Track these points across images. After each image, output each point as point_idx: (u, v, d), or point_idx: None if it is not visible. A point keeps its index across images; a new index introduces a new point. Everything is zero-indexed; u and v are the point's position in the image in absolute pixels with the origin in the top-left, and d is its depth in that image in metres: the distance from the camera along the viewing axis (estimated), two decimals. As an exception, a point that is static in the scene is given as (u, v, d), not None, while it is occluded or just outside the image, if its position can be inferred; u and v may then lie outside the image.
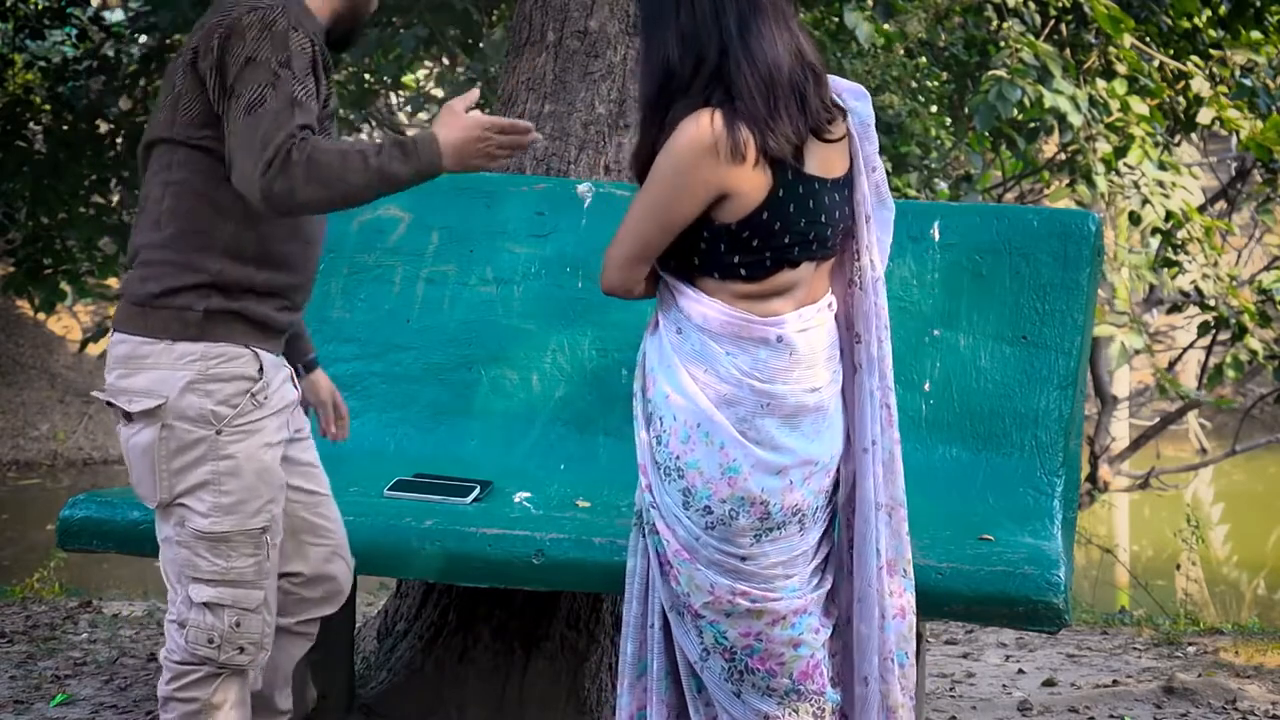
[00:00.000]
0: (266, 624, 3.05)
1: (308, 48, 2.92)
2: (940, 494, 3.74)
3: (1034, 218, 3.99)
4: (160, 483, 2.98)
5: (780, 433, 2.83)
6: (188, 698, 3.02)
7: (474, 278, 4.18)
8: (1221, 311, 7.88)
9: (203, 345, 2.97)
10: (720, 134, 2.72)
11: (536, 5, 4.51)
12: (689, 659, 2.94)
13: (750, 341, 2.82)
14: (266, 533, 3.03)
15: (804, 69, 2.80)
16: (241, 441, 2.98)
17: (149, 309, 2.98)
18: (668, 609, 2.94)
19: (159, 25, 9.98)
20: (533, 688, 4.01)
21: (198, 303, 2.96)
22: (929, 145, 9.08)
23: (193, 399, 2.95)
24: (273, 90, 2.85)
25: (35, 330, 17.75)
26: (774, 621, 2.86)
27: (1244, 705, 4.61)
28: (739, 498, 2.81)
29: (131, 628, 5.50)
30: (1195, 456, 15.20)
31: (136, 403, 2.97)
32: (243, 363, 2.99)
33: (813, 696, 2.90)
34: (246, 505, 2.99)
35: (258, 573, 3.02)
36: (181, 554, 3.02)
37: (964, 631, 5.67)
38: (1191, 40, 8.79)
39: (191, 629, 3.01)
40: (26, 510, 13.79)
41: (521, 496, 3.72)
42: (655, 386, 2.88)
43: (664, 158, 2.77)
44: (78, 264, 10.71)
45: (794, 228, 2.80)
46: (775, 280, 2.83)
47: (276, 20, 2.90)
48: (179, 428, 2.96)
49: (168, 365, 2.96)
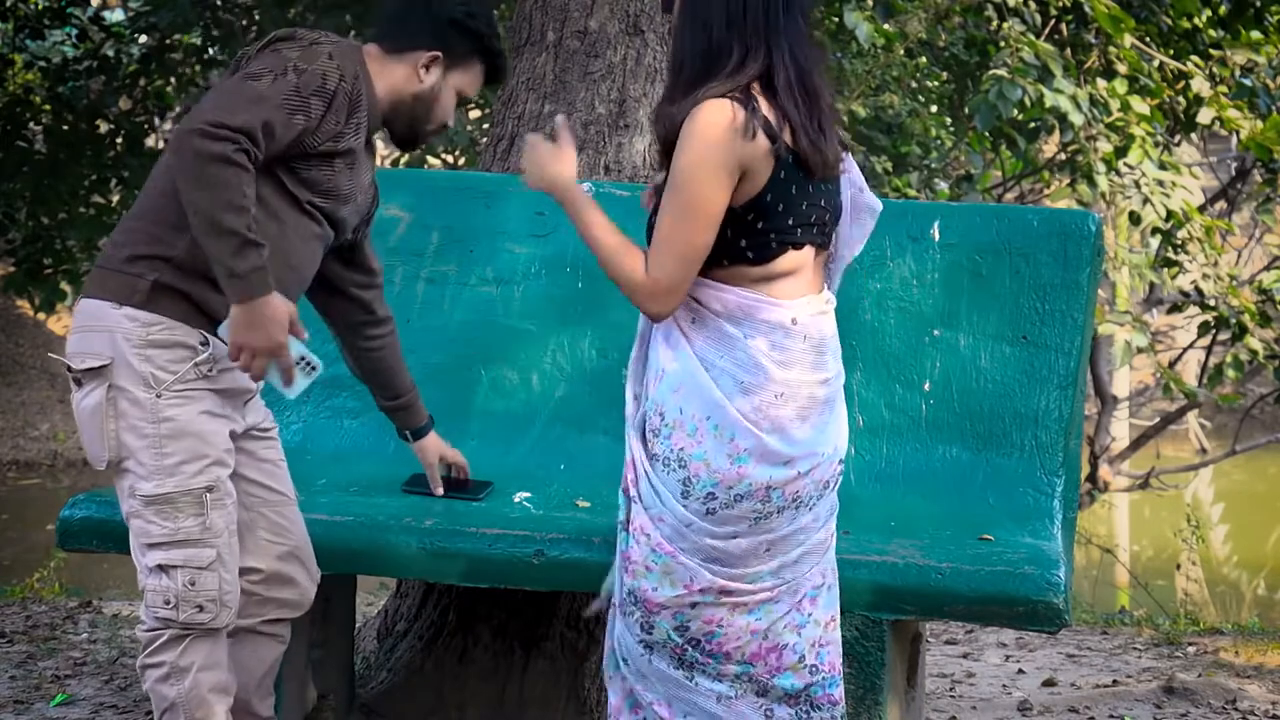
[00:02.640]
0: (225, 581, 3.08)
1: (334, 78, 3.04)
2: (940, 494, 3.74)
3: (1034, 218, 3.99)
4: (107, 442, 3.06)
5: (793, 424, 2.86)
6: (156, 662, 3.08)
7: (474, 278, 4.18)
8: (1222, 311, 7.88)
9: (145, 313, 3.04)
10: (737, 110, 2.77)
11: (536, 5, 4.50)
12: (626, 651, 2.98)
13: (767, 325, 2.85)
14: (210, 491, 3.07)
15: (830, 105, 2.91)
16: (182, 406, 3.05)
17: (109, 272, 3.08)
18: (617, 605, 2.98)
19: (159, 25, 9.99)
20: (533, 688, 4.01)
21: (149, 273, 3.04)
22: (929, 145, 9.09)
23: (135, 362, 3.03)
24: (273, 78, 2.98)
25: (35, 330, 17.74)
26: (736, 608, 2.89)
27: (1244, 705, 4.61)
28: (747, 484, 2.84)
29: (131, 628, 5.50)
30: (1195, 456, 15.21)
31: (84, 361, 3.06)
32: (183, 332, 3.05)
33: (760, 680, 2.93)
34: (188, 466, 3.05)
35: (204, 530, 3.06)
36: (136, 524, 3.09)
37: (964, 631, 5.67)
38: (1191, 40, 8.79)
39: (149, 593, 3.07)
40: (26, 510, 13.79)
41: (521, 496, 3.72)
42: (662, 379, 2.89)
43: (690, 151, 2.78)
44: (78, 264, 10.72)
45: (795, 209, 2.85)
46: (781, 262, 2.87)
47: (322, 44, 3.08)
48: (123, 389, 3.03)
49: (113, 327, 3.04)
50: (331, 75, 3.05)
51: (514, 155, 4.38)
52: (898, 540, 3.47)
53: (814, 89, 2.86)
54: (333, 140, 3.08)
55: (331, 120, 3.07)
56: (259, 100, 2.95)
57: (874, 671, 3.33)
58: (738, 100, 2.77)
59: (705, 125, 2.77)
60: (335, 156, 3.12)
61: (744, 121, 2.76)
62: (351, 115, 3.10)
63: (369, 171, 3.32)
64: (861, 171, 3.11)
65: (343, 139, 3.11)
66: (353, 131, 3.12)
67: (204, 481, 3.06)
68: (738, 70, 2.80)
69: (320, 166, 3.11)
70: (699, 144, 2.77)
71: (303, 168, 3.10)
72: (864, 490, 3.78)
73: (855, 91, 8.65)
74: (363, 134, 3.17)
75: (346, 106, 3.08)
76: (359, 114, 3.12)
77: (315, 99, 3.02)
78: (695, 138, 2.77)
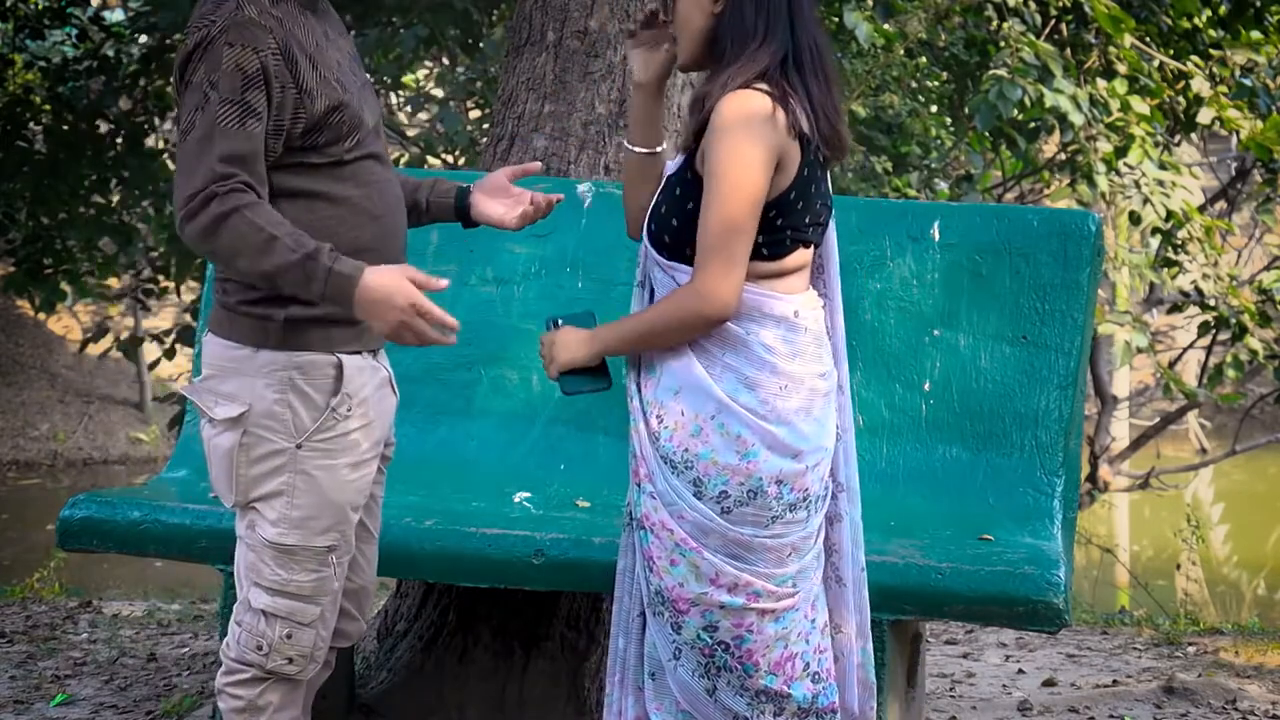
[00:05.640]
0: (321, 639, 3.03)
1: (248, 61, 2.81)
2: (940, 494, 3.75)
3: (1034, 218, 3.99)
4: (237, 485, 2.97)
5: (798, 418, 2.86)
6: (235, 694, 3.03)
7: (474, 278, 4.17)
8: (1222, 311, 7.88)
9: (285, 354, 2.93)
10: (772, 103, 2.79)
11: (536, 5, 4.50)
12: (659, 657, 2.95)
13: (771, 318, 2.86)
14: (332, 552, 3.00)
15: (840, 89, 2.95)
16: (322, 459, 2.95)
17: (234, 314, 2.96)
18: (646, 606, 2.95)
19: (159, 25, 9.97)
20: (533, 688, 4.01)
21: (277, 311, 2.92)
22: (929, 145, 9.08)
23: (275, 409, 2.92)
24: (201, 114, 2.81)
25: (35, 330, 17.76)
26: (765, 614, 2.87)
27: (1244, 705, 4.61)
28: (758, 478, 2.83)
29: (131, 628, 5.50)
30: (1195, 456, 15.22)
31: (220, 408, 2.95)
32: (325, 372, 2.94)
33: (779, 696, 2.91)
34: (315, 522, 2.97)
35: (317, 589, 3.00)
36: (249, 556, 3.00)
37: (964, 631, 5.67)
38: (1191, 40, 8.79)
39: (244, 632, 3.00)
40: (26, 510, 13.80)
41: (521, 496, 3.72)
42: (660, 381, 2.89)
43: (731, 137, 2.76)
44: (78, 264, 10.71)
45: (812, 207, 2.88)
46: (791, 259, 2.89)
47: (214, 38, 2.83)
48: (260, 436, 2.93)
49: (251, 373, 2.93)
50: (245, 61, 2.81)
51: (514, 155, 4.38)
52: (898, 540, 3.48)
53: (830, 71, 2.90)
54: (309, 97, 2.89)
55: (281, 89, 2.85)
56: (205, 145, 2.79)
57: (874, 672, 3.33)
58: (774, 94, 2.79)
59: (746, 114, 2.77)
60: (308, 122, 2.91)
61: (782, 113, 2.78)
62: (289, 63, 2.87)
63: (338, 52, 3.03)
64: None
65: (311, 100, 2.89)
66: (306, 64, 2.90)
67: (328, 541, 2.99)
68: (760, 51, 2.82)
69: (311, 109, 2.91)
70: (741, 132, 2.77)
71: (309, 138, 2.93)
72: (864, 490, 3.75)
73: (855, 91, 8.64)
74: (307, 51, 2.92)
75: (281, 63, 2.85)
76: (291, 49, 2.88)
77: (250, 93, 2.81)
78: (736, 126, 2.77)
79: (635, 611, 3.00)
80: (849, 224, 3.96)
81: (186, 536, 3.61)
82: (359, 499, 3.03)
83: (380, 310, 2.80)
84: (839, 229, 3.02)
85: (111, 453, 16.66)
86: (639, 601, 2.99)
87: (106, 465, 16.38)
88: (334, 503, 2.97)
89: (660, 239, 2.91)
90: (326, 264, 2.77)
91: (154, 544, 3.63)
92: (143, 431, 17.08)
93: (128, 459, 16.64)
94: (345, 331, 2.97)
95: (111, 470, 16.14)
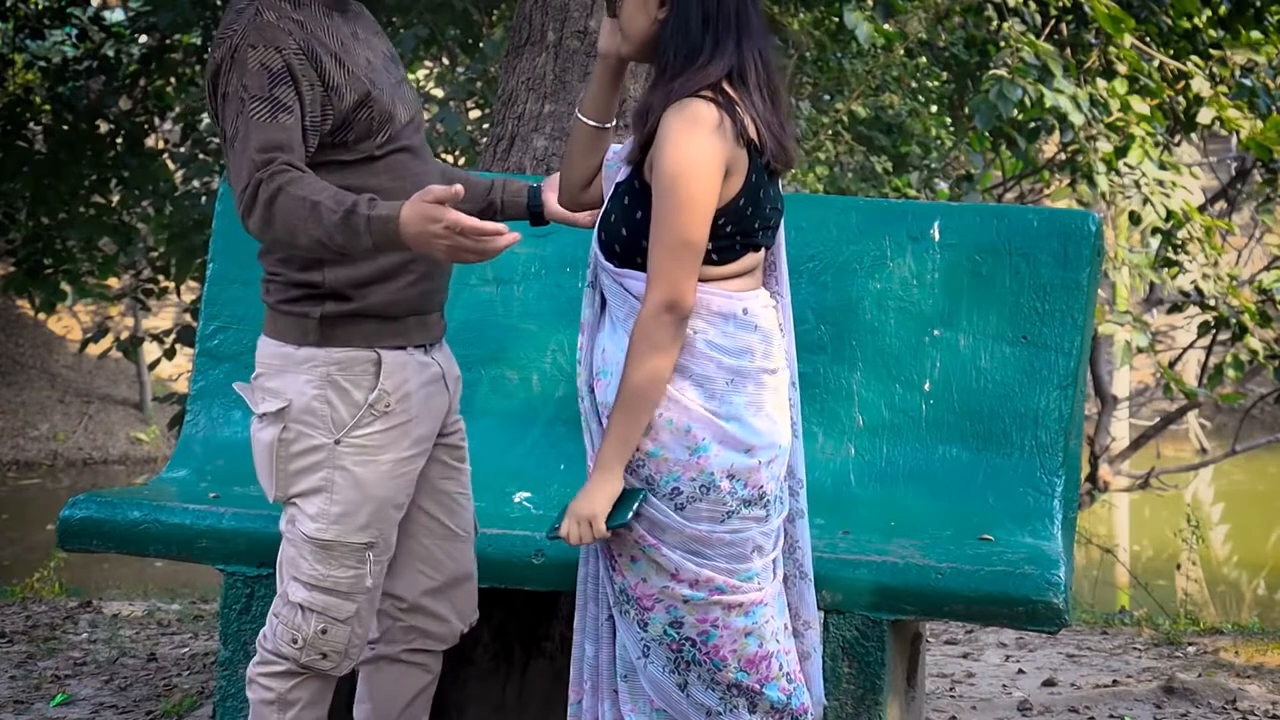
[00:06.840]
0: (356, 636, 3.05)
1: (271, 60, 2.87)
2: (940, 494, 3.74)
3: (1034, 218, 3.99)
4: (278, 480, 3.01)
5: (748, 411, 2.86)
6: (266, 685, 3.05)
7: (474, 278, 4.17)
8: (1222, 311, 7.88)
9: (324, 350, 2.97)
10: (722, 111, 2.77)
11: (536, 5, 4.51)
12: (629, 658, 2.96)
13: (718, 316, 2.85)
14: (370, 549, 3.02)
15: (787, 102, 3.00)
16: (361, 455, 2.98)
17: (276, 313, 3.02)
18: (613, 606, 2.96)
19: (159, 25, 9.98)
20: (533, 688, 4.00)
21: (313, 309, 2.97)
22: (929, 145, 9.07)
23: (315, 405, 2.96)
24: (241, 119, 2.86)
25: (35, 330, 17.76)
26: (731, 608, 2.88)
27: (1244, 705, 4.61)
28: (709, 473, 2.83)
29: (131, 628, 5.51)
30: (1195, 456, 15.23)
31: (264, 403, 3.00)
32: (364, 368, 2.98)
33: (751, 692, 2.92)
34: (353, 518, 2.99)
35: (354, 585, 3.02)
36: (289, 551, 3.04)
37: (964, 631, 5.67)
38: (1191, 40, 8.79)
39: (281, 625, 3.03)
40: (26, 510, 13.81)
41: (521, 496, 3.72)
42: (610, 383, 2.89)
43: (678, 149, 2.75)
44: (78, 264, 10.71)
45: (761, 212, 2.88)
46: (740, 263, 2.89)
47: (238, 45, 2.89)
48: (300, 432, 2.97)
49: (293, 370, 2.97)
50: (269, 59, 2.87)
51: (514, 155, 4.38)
52: (898, 540, 3.48)
53: (776, 86, 2.88)
54: (336, 94, 2.93)
55: (309, 87, 2.89)
56: (244, 144, 2.84)
57: (874, 671, 3.34)
58: (719, 101, 2.78)
59: (693, 124, 2.76)
60: (352, 113, 2.95)
61: (729, 121, 2.77)
62: (314, 62, 2.91)
63: (369, 50, 3.08)
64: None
65: (341, 92, 2.93)
66: (331, 63, 2.94)
67: (367, 538, 3.01)
68: (708, 65, 2.80)
69: (341, 107, 2.95)
70: (687, 141, 2.76)
71: (339, 134, 2.95)
72: (864, 490, 3.78)
73: (855, 91, 8.64)
74: (331, 50, 2.96)
75: (305, 62, 2.89)
76: (314, 49, 2.92)
77: (278, 89, 2.86)
78: (683, 136, 2.76)
79: (604, 616, 3.01)
80: (849, 224, 3.96)
81: (186, 536, 3.62)
82: (401, 496, 3.05)
83: (425, 240, 2.73)
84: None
85: (111, 453, 16.67)
86: (605, 606, 3.00)
87: (106, 465, 16.39)
88: (373, 499, 3.00)
89: (611, 248, 2.91)
90: (365, 213, 2.75)
91: (154, 544, 3.64)
92: (143, 431, 17.10)
93: (128, 459, 16.67)
94: (389, 326, 3.01)
95: (111, 470, 16.15)
